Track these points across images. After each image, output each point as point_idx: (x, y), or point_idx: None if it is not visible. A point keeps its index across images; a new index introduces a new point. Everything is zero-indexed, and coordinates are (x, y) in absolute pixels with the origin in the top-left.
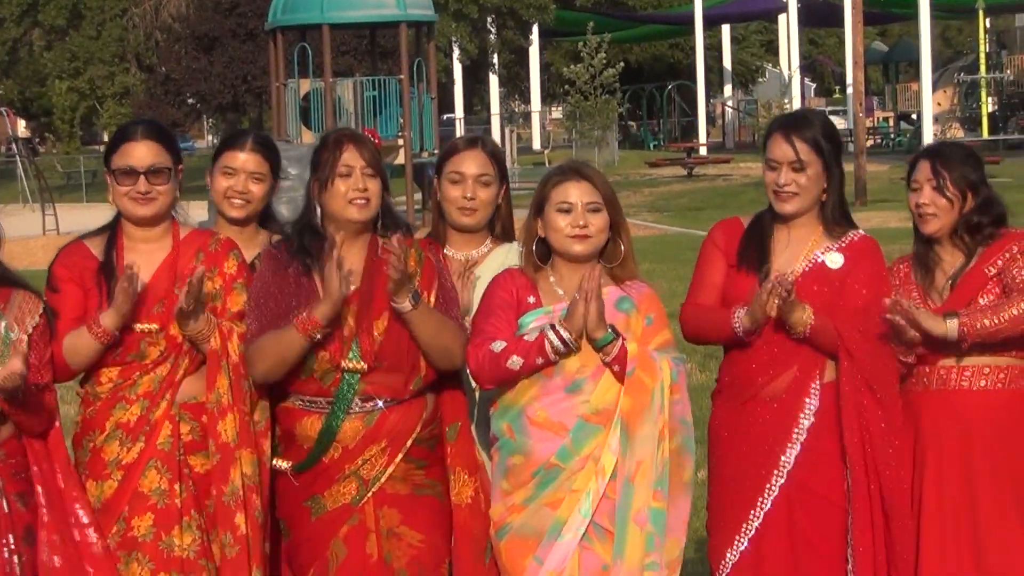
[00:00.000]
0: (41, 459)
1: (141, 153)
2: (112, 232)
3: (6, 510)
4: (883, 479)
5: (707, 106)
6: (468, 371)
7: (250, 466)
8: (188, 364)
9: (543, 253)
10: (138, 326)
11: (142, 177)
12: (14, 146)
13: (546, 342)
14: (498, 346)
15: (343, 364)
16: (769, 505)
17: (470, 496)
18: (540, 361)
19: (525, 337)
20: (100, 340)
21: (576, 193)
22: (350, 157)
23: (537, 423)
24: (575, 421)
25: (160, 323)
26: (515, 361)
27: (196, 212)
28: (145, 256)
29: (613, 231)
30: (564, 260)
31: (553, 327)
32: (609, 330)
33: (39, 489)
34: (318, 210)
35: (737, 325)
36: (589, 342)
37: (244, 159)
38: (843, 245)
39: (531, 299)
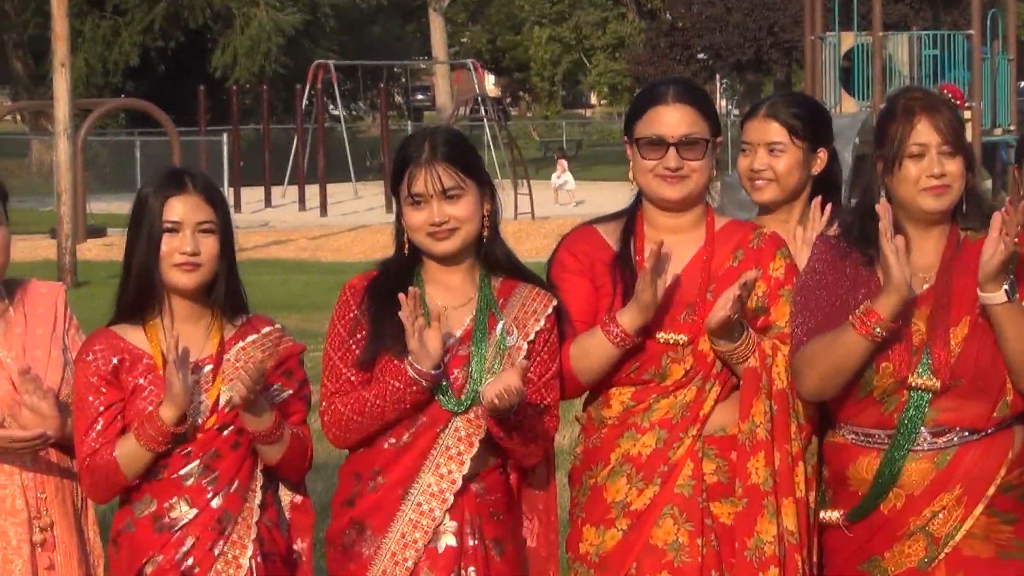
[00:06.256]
0: (534, 510)
1: (673, 120)
2: (631, 217)
3: (482, 556)
4: None
5: None
6: None
7: (793, 519)
8: (719, 389)
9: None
10: (661, 336)
11: (671, 150)
12: (481, 107)
13: None
14: None
15: (911, 380)
16: None
17: None
18: None
19: None
20: (616, 344)
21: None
22: (923, 132)
23: None
24: None
25: (689, 334)
26: None
27: None
28: (672, 249)
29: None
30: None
31: None
32: None
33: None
34: (882, 193)
35: None
36: None
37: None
38: None
39: None
